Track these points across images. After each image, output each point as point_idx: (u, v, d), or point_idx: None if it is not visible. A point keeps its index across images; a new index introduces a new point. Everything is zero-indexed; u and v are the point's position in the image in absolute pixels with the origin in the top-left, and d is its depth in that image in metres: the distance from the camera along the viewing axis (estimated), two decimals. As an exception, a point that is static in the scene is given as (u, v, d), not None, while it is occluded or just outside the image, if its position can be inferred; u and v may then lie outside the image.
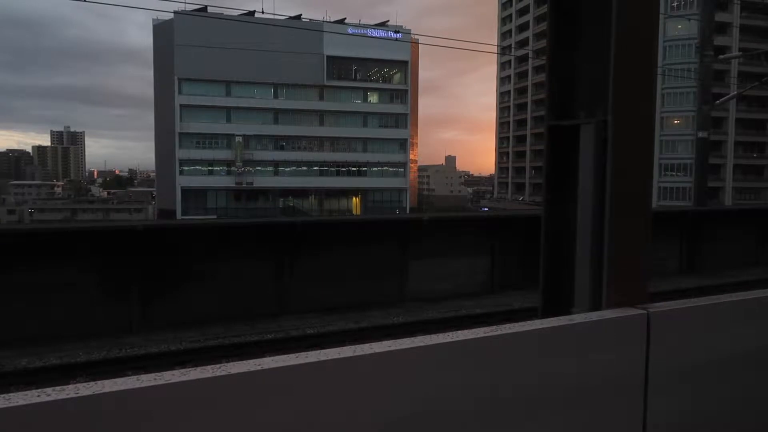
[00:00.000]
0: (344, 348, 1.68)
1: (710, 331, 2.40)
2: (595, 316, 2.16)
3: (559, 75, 2.51)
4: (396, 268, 11.38)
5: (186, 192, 66.99)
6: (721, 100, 19.37)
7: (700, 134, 15.76)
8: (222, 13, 65.90)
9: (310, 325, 9.75)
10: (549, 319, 2.06)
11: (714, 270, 15.07)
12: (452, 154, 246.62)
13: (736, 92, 24.85)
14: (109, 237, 9.66)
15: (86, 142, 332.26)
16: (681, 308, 2.33)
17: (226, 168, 68.76)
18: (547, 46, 2.52)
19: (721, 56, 25.20)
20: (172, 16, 64.22)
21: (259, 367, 1.51)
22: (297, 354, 1.62)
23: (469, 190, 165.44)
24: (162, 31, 67.97)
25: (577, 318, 2.10)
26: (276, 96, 69.77)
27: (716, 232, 16.00)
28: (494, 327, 1.92)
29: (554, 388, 1.98)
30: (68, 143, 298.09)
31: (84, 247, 9.26)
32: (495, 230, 12.88)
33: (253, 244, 10.52)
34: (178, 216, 65.20)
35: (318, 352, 1.64)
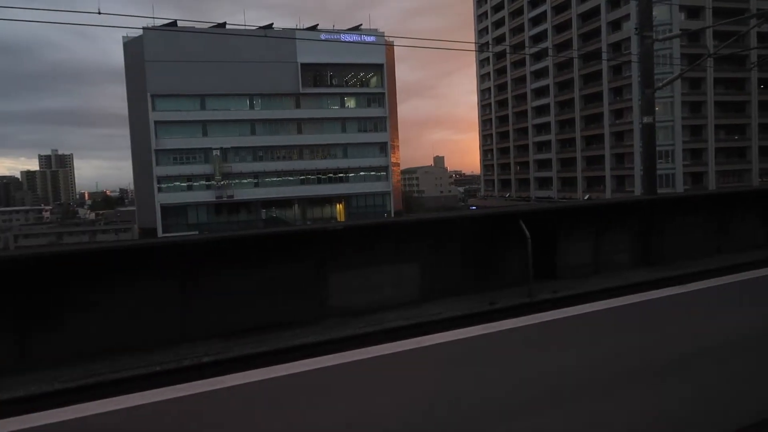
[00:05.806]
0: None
1: None
2: None
3: None
4: (313, 283, 10.60)
5: (166, 209, 66.20)
6: (665, 82, 18.70)
7: (645, 119, 15.00)
8: (193, 27, 65.30)
9: (211, 352, 8.99)
10: None
11: (672, 261, 14.35)
12: (441, 155, 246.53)
13: (678, 73, 24.22)
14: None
15: (76, 164, 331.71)
16: None
17: (205, 182, 67.95)
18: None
19: (661, 37, 24.59)
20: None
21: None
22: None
23: (461, 189, 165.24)
24: (133, 48, 67.21)
25: None
26: (251, 107, 69.11)
27: (674, 220, 15.26)
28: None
29: None
30: (57, 166, 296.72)
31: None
32: (428, 234, 12.13)
33: (151, 267, 9.73)
34: (160, 234, 64.27)
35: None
